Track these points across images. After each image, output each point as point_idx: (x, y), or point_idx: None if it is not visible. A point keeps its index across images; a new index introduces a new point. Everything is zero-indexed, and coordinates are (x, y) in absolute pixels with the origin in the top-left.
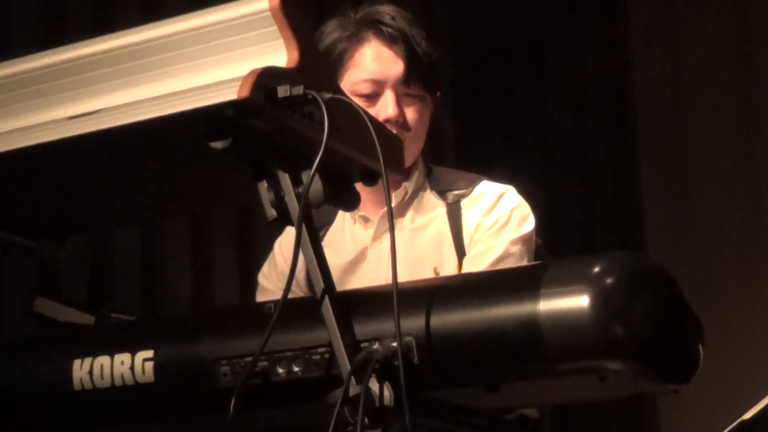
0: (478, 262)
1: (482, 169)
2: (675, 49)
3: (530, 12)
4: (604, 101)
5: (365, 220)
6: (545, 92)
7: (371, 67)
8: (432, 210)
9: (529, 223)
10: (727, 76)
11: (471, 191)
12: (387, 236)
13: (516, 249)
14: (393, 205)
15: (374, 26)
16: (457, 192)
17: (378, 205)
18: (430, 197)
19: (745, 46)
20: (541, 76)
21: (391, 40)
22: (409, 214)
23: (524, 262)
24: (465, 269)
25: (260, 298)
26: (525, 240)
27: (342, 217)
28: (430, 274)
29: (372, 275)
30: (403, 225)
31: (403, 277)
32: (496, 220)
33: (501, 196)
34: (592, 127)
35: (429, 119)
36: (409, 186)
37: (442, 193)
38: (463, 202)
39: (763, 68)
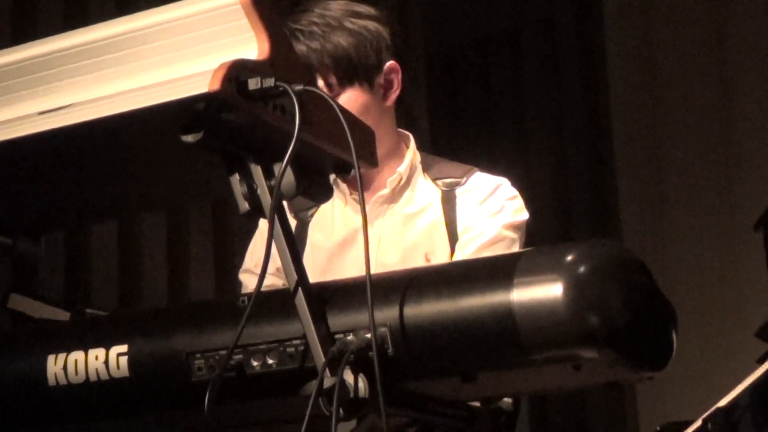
0: (469, 245)
1: (457, 160)
2: (650, 40)
3: (505, 3)
4: (579, 91)
5: (358, 202)
6: (520, 83)
7: None
8: (426, 197)
9: (523, 214)
10: (703, 65)
11: (466, 181)
12: (378, 221)
13: (508, 234)
14: (387, 191)
15: (289, 27)
16: (450, 180)
17: (372, 188)
18: (424, 184)
19: (722, 36)
20: (517, 67)
21: (302, 35)
22: (403, 199)
23: (516, 249)
24: (457, 253)
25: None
26: (517, 227)
27: (332, 199)
28: (422, 261)
29: (362, 259)
30: (396, 210)
31: (395, 263)
32: (490, 209)
33: (496, 188)
34: (567, 118)
35: (366, 109)
36: (404, 172)
37: (435, 180)
38: (458, 191)
39: (738, 58)
